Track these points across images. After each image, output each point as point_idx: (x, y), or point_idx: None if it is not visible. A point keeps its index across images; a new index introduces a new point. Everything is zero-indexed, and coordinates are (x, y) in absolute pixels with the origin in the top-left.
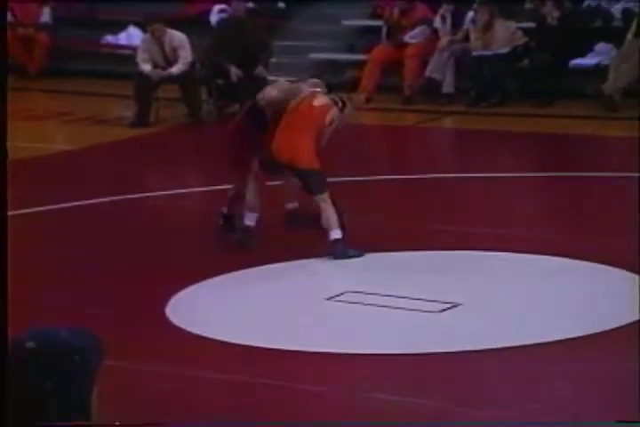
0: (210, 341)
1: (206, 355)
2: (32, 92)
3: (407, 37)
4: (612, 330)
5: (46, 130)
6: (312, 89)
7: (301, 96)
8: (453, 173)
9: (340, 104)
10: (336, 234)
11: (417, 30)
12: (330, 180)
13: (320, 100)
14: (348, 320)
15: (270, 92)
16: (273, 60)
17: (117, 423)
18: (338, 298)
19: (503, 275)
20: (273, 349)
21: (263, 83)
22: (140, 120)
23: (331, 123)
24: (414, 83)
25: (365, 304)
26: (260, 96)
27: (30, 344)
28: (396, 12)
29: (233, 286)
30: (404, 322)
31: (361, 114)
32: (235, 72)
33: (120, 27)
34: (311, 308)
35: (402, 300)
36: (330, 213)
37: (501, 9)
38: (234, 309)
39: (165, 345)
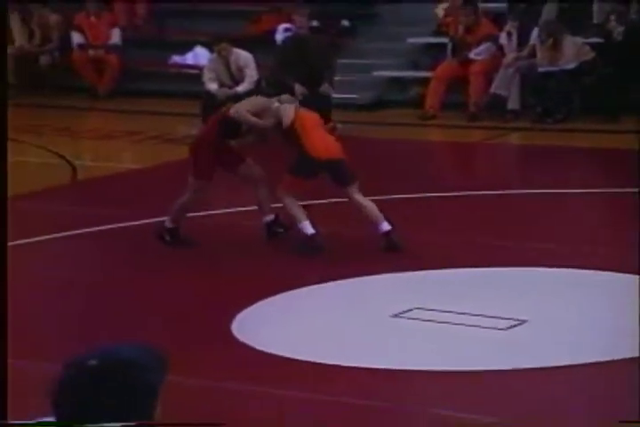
0: (276, 357)
1: (272, 371)
2: (101, 113)
3: (472, 54)
4: None
5: (115, 149)
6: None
7: (292, 112)
8: (518, 189)
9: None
10: (386, 226)
11: (482, 47)
12: (396, 196)
13: (303, 109)
14: (414, 337)
15: (242, 111)
16: (337, 77)
17: None
18: (404, 315)
19: (569, 292)
20: (339, 365)
21: (328, 100)
22: None
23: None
24: (480, 99)
25: (431, 321)
26: (233, 111)
27: (93, 362)
28: (461, 28)
29: (299, 302)
30: (470, 339)
31: (426, 131)
32: (299, 90)
33: (187, 47)
34: (377, 324)
35: (468, 316)
36: (369, 204)
37: (568, 25)
38: (300, 325)
39: (231, 362)
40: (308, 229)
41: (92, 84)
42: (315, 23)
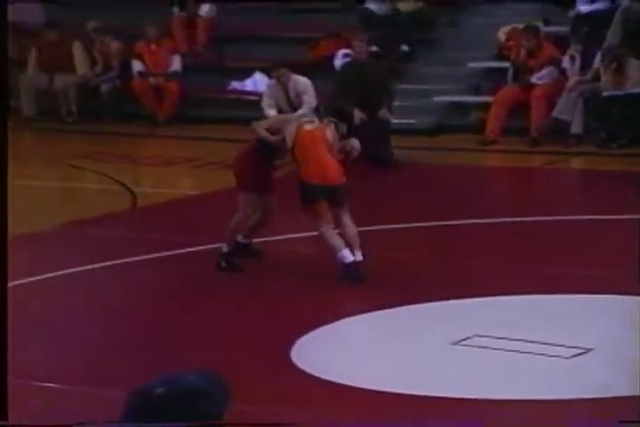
0: (335, 385)
1: (332, 399)
2: (161, 139)
3: (534, 78)
4: None
5: (174, 175)
6: (300, 119)
7: (294, 130)
8: (579, 214)
9: (332, 124)
10: (358, 256)
11: (544, 71)
12: (454, 222)
13: (308, 124)
14: (475, 365)
15: (260, 130)
16: (396, 102)
17: None
18: (464, 342)
19: (633, 319)
20: (399, 393)
21: (386, 126)
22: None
23: (334, 140)
24: (541, 124)
25: (492, 349)
26: (253, 125)
27: (160, 390)
28: (523, 52)
29: (358, 329)
30: (533, 367)
31: (486, 156)
32: (358, 115)
33: (246, 73)
34: (437, 352)
35: (530, 344)
36: (352, 230)
37: (632, 48)
38: (359, 352)
39: (291, 389)
40: (348, 257)
41: (152, 111)
42: (374, 48)
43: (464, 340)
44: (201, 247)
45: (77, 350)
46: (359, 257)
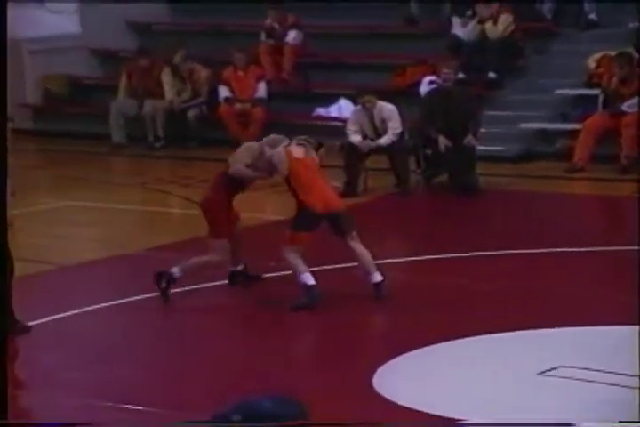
0: (417, 413)
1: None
2: None
3: (625, 106)
4: None
5: (258, 200)
6: (280, 147)
7: (283, 158)
8: None
9: (309, 145)
10: (378, 277)
11: (635, 99)
12: (540, 250)
13: (297, 151)
14: (561, 396)
15: (237, 166)
16: (483, 129)
17: None
18: (550, 373)
19: None
20: (483, 423)
21: (472, 153)
22: (349, 190)
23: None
24: (632, 152)
25: (579, 380)
26: (231, 170)
27: (237, 417)
28: (614, 80)
29: (440, 357)
30: (620, 399)
31: (574, 184)
32: (443, 142)
33: (331, 99)
34: (522, 382)
35: (618, 376)
36: (365, 253)
37: None
38: (442, 381)
39: (373, 416)
40: (309, 279)
41: (238, 136)
42: (461, 75)
43: (550, 370)
44: (282, 273)
45: (158, 372)
46: (379, 278)
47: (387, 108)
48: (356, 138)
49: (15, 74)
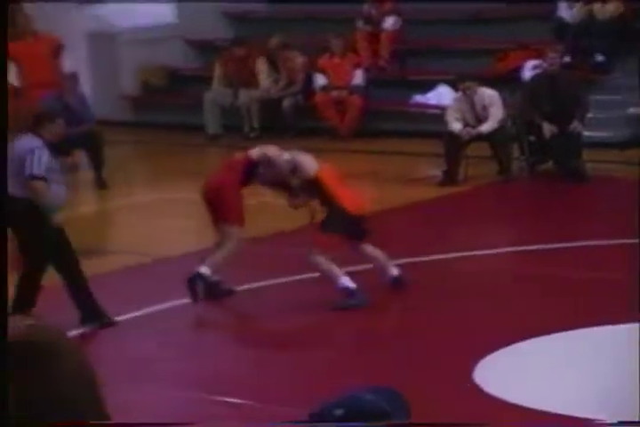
0: (519, 408)
1: (514, 421)
2: (341, 153)
3: None
4: None
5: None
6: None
7: (309, 160)
8: None
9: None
10: (395, 271)
11: None
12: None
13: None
14: None
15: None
16: (590, 115)
17: None
18: None
19: None
20: (586, 418)
21: (577, 139)
22: (450, 179)
23: None
24: None
25: None
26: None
27: (339, 412)
28: None
29: (542, 351)
30: None
31: None
32: (548, 128)
33: (430, 86)
34: (624, 377)
35: None
36: (379, 254)
37: None
38: (544, 374)
39: (475, 411)
40: (349, 282)
41: (334, 125)
42: (567, 59)
43: None
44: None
45: (255, 366)
46: (396, 272)
47: (488, 95)
48: (456, 126)
49: (112, 65)
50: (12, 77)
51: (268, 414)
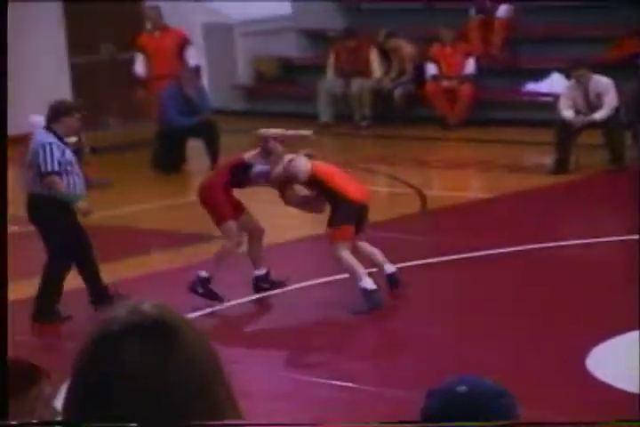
0: (631, 395)
1: (628, 410)
2: (451, 142)
3: None
4: None
5: (464, 178)
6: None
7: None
8: None
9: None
10: (391, 268)
11: None
12: None
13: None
14: None
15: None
16: None
17: None
18: None
19: None
20: None
21: None
22: (560, 167)
23: None
24: None
25: None
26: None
27: (462, 388)
28: None
29: None
30: None
31: None
32: None
33: (542, 74)
34: None
35: None
36: (375, 249)
37: None
38: None
39: (586, 398)
40: (369, 284)
41: (444, 114)
42: None
43: None
44: (488, 251)
45: (371, 348)
46: (393, 268)
47: (602, 82)
48: (568, 113)
49: (227, 56)
50: (140, 69)
51: (381, 396)
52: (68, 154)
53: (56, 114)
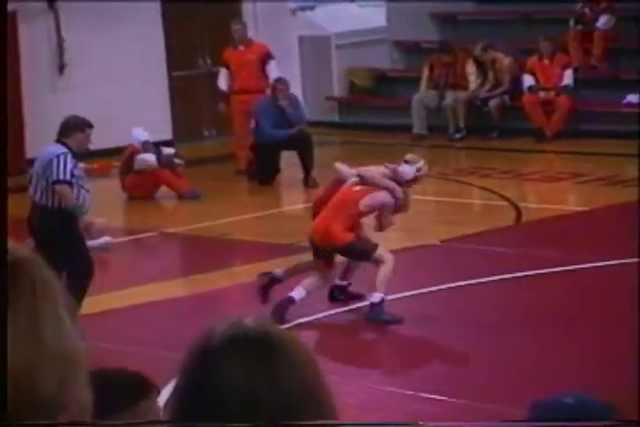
0: None
1: None
2: (547, 154)
3: None
4: None
5: (560, 191)
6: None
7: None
8: None
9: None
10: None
11: None
12: None
13: (362, 187)
14: None
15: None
16: None
17: None
18: None
19: None
20: None
21: None
22: None
23: (371, 210)
24: None
25: None
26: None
27: (569, 400)
28: None
29: None
30: None
31: None
32: None
33: None
34: None
35: None
36: (387, 270)
37: None
38: None
39: None
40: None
41: (540, 125)
42: None
43: None
44: (583, 265)
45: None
46: (378, 299)
47: None
48: None
49: (322, 68)
50: (222, 83)
51: (473, 410)
52: (79, 169)
53: (68, 129)
